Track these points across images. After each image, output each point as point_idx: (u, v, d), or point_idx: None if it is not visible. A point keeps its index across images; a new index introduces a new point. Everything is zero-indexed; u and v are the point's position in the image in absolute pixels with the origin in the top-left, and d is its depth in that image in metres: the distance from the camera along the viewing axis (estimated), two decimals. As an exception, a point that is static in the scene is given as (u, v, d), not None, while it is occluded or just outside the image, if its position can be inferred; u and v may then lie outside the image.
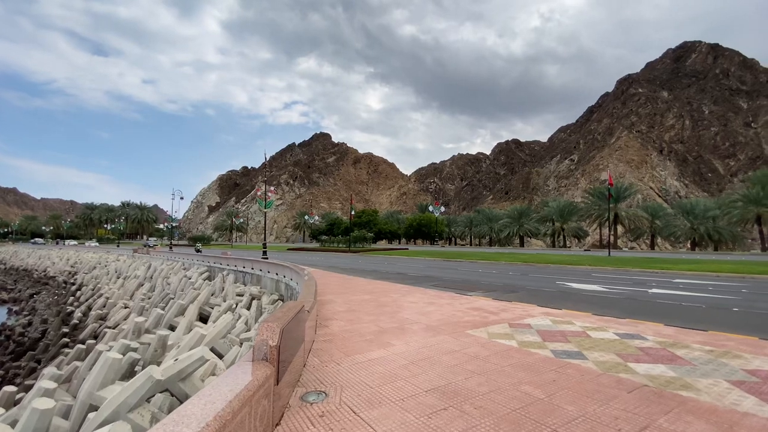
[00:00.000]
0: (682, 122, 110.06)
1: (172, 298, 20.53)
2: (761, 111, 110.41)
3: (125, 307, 21.97)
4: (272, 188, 29.27)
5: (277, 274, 16.84)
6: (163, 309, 15.54)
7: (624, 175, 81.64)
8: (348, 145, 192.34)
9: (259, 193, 28.01)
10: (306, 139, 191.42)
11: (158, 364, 9.34)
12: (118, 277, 34.17)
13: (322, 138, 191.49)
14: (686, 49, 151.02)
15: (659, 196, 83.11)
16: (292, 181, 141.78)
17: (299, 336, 4.05)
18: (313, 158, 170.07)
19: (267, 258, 27.98)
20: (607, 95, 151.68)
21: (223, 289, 20.49)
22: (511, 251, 36.58)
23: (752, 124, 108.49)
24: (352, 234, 42.94)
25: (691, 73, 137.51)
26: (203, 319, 16.13)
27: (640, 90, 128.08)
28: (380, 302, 9.15)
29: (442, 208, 59.50)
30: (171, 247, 48.27)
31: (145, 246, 49.04)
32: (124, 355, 9.46)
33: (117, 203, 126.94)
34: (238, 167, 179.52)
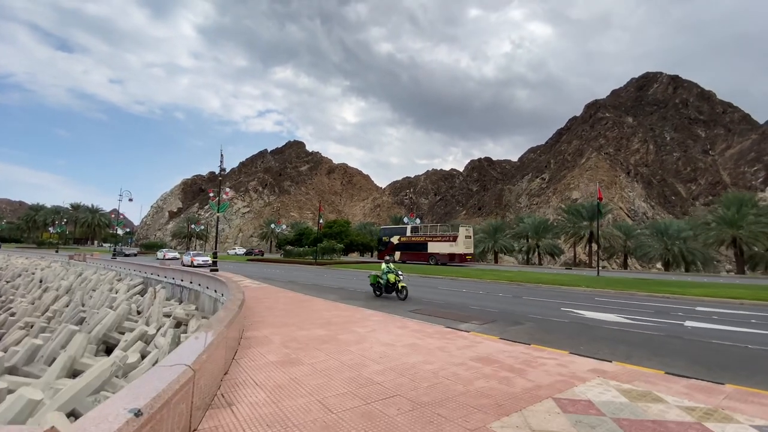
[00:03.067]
0: (647, 147, 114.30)
1: (84, 317, 16.58)
2: (718, 140, 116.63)
3: (28, 326, 17.72)
4: (228, 190, 25.74)
5: (215, 290, 13.45)
6: (45, 335, 11.74)
7: (594, 194, 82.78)
8: (322, 154, 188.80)
9: (211, 194, 24.40)
10: (279, 146, 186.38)
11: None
12: (40, 288, 29.31)
13: (295, 146, 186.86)
14: (649, 79, 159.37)
15: (628, 216, 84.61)
16: (261, 188, 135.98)
17: None
18: (286, 166, 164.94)
19: (217, 269, 24.25)
20: (575, 119, 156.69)
21: (152, 306, 16.71)
22: (490, 268, 34.28)
23: (710, 152, 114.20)
24: (320, 245, 39.38)
25: (653, 102, 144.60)
26: (111, 348, 12.43)
27: (607, 114, 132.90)
28: (339, 343, 6.12)
29: (417, 220, 57.06)
30: (114, 255, 42.95)
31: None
32: None
33: (80, 207, 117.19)
34: (205, 173, 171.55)
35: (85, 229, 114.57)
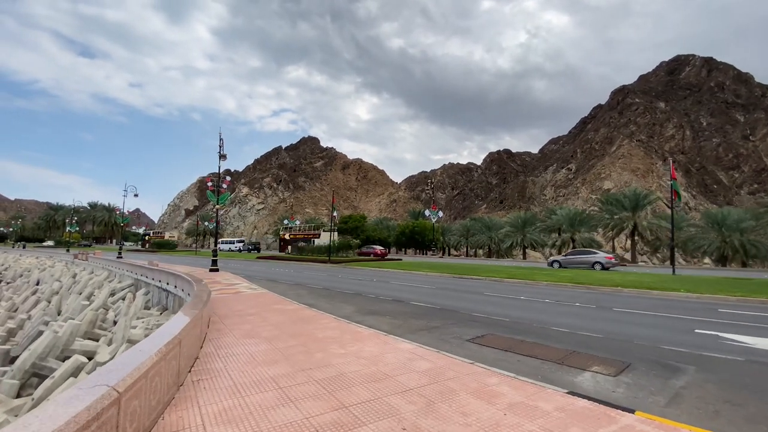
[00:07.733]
0: (683, 133, 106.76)
1: (43, 331, 13.54)
2: (759, 124, 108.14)
3: (-8, 340, 14.85)
4: (228, 178, 22.54)
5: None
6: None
7: (630, 183, 76.88)
8: (337, 150, 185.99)
9: (209, 184, 21.25)
10: (293, 142, 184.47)
11: None
12: (31, 290, 26.94)
13: (310, 142, 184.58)
14: (680, 62, 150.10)
15: (668, 206, 78.54)
16: (275, 185, 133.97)
17: None
18: (300, 162, 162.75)
19: (217, 269, 21.13)
20: (601, 106, 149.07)
21: (125, 316, 13.54)
22: (529, 265, 30.26)
23: (750, 137, 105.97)
24: (334, 241, 36.06)
25: (686, 86, 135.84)
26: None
27: (636, 100, 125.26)
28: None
29: (440, 213, 53.10)
30: (120, 254, 40.53)
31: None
32: None
33: (97, 206, 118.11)
34: (221, 171, 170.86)
35: (103, 228, 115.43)
